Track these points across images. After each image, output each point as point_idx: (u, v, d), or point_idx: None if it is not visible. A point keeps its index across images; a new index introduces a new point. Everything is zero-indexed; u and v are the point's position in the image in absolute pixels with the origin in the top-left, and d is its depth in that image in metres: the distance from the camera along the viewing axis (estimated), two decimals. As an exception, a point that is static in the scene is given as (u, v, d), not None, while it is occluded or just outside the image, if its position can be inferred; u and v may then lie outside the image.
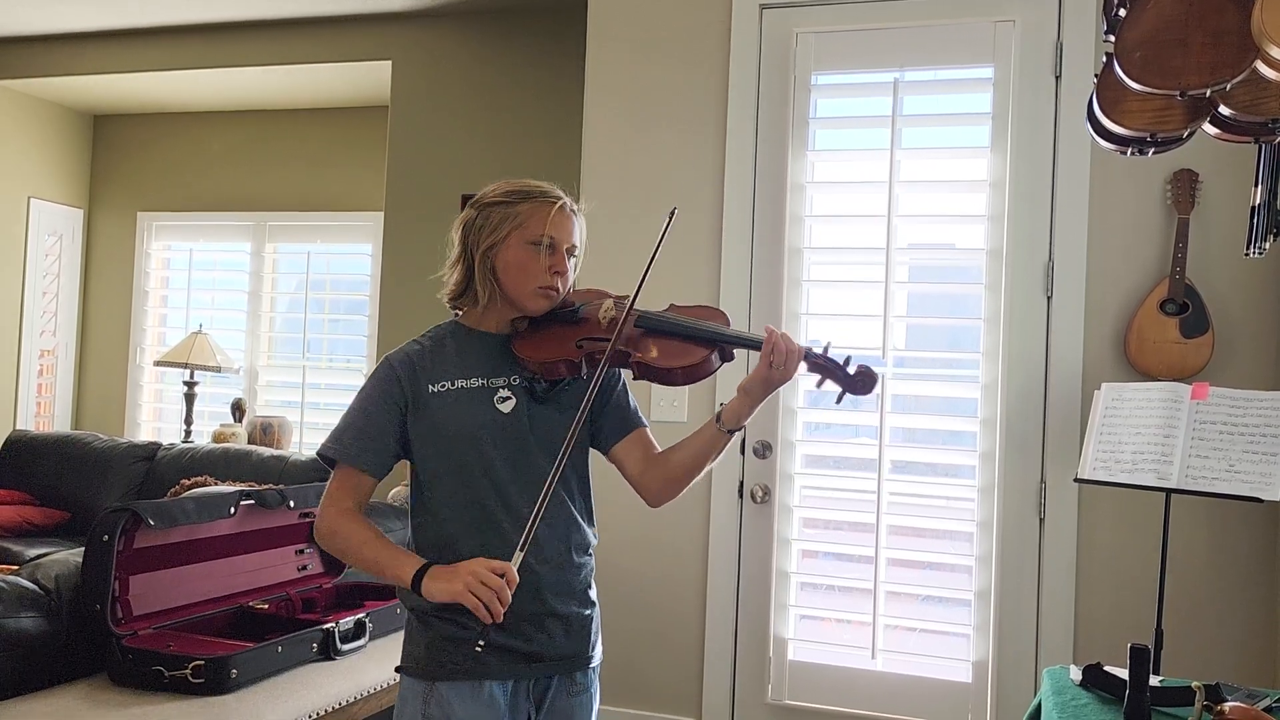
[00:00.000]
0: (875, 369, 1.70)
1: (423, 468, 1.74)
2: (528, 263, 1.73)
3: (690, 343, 1.74)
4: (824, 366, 1.70)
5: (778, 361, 1.66)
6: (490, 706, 1.69)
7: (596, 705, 1.82)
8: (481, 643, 1.56)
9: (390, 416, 1.72)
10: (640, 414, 1.88)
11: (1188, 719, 1.81)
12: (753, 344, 1.72)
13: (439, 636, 1.70)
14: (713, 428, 1.75)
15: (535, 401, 1.74)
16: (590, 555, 1.80)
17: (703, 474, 1.79)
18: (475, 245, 1.75)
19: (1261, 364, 2.88)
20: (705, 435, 1.77)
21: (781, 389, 1.74)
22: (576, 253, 1.81)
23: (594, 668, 1.80)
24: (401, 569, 1.64)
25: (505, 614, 1.62)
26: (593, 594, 1.81)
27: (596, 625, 1.81)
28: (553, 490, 1.63)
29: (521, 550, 1.58)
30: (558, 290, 1.77)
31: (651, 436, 1.86)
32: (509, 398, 1.73)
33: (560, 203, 1.77)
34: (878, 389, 1.74)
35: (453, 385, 1.72)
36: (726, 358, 1.76)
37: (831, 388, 1.69)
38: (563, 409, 1.76)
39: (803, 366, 1.70)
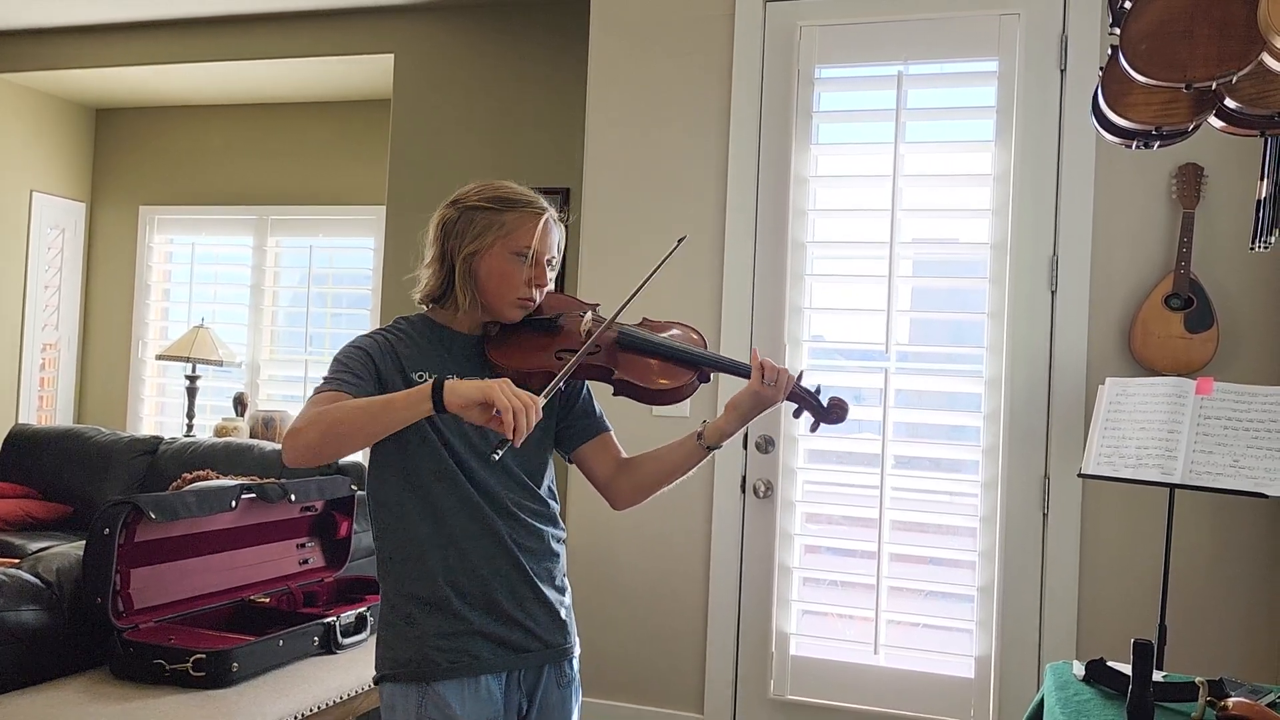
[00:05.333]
0: (848, 401, 1.79)
1: (392, 455, 1.69)
2: (510, 273, 1.72)
3: (672, 363, 1.77)
4: (801, 396, 1.77)
5: (770, 378, 1.72)
6: (488, 702, 1.68)
7: (580, 694, 1.84)
8: (498, 453, 1.50)
9: (371, 373, 1.66)
10: (605, 419, 1.90)
11: (1191, 714, 1.81)
12: (737, 369, 1.78)
13: (429, 634, 1.66)
14: (693, 443, 1.79)
15: None
16: (563, 545, 1.82)
17: (672, 486, 1.83)
18: (456, 249, 1.73)
19: (1266, 359, 2.87)
20: (684, 449, 1.80)
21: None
22: (555, 263, 1.80)
23: (576, 657, 1.82)
24: (415, 392, 1.51)
25: (495, 602, 1.67)
26: (567, 581, 1.83)
27: (573, 614, 1.83)
28: (527, 492, 1.72)
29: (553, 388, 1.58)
30: (534, 301, 1.77)
31: (616, 440, 1.89)
32: None
33: (546, 215, 1.76)
34: (852, 414, 1.82)
35: (429, 378, 1.68)
36: (704, 380, 1.79)
37: (806, 418, 1.78)
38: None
39: None
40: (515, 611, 1.70)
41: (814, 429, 1.79)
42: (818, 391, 1.77)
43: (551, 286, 1.82)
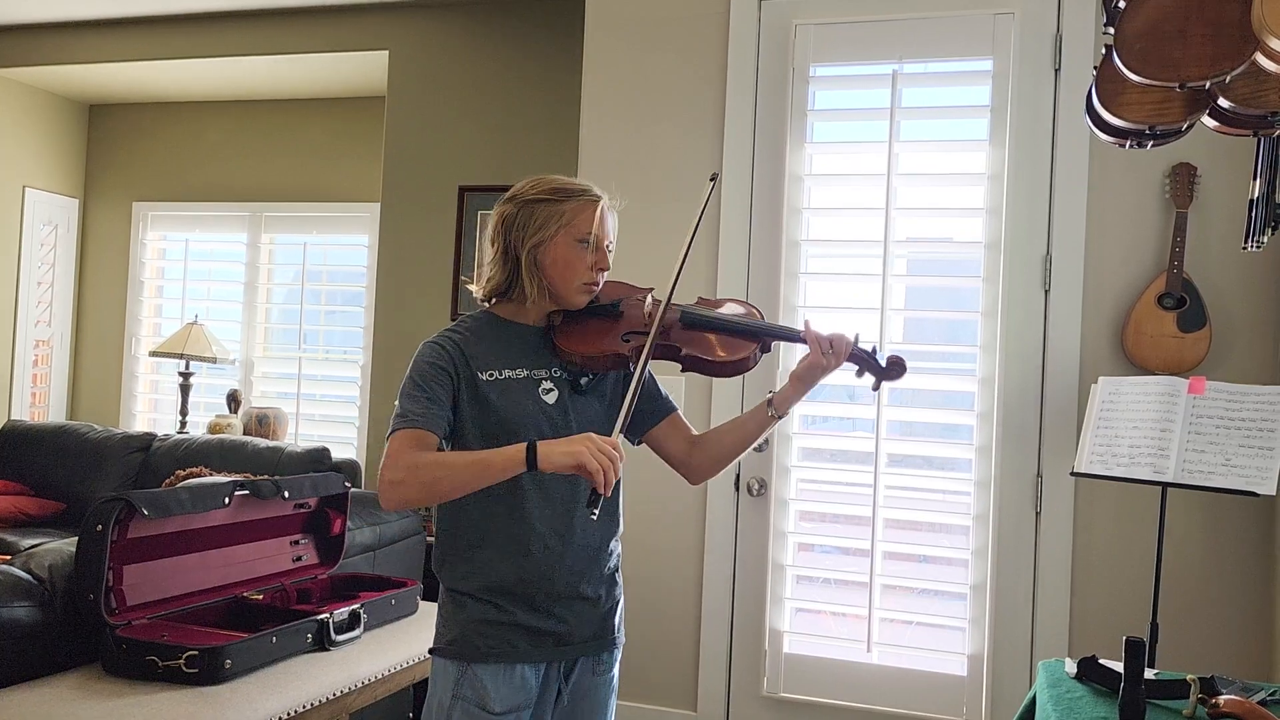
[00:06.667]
0: (904, 358, 1.88)
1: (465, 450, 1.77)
2: (574, 260, 1.79)
3: (735, 337, 1.85)
4: (862, 357, 1.85)
5: (825, 348, 1.80)
6: (522, 689, 1.75)
7: (617, 683, 1.90)
8: (595, 512, 1.58)
9: (446, 388, 1.74)
10: (671, 399, 1.96)
11: (1183, 712, 1.81)
12: (795, 337, 1.87)
13: (474, 619, 1.75)
14: (764, 412, 1.88)
15: (576, 393, 1.81)
16: (618, 542, 1.87)
17: (745, 453, 1.94)
18: (519, 242, 1.79)
19: (1258, 358, 2.88)
20: (756, 419, 1.90)
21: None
22: (613, 247, 1.86)
23: (618, 649, 1.88)
24: (510, 451, 1.61)
25: (538, 596, 1.73)
26: (619, 578, 1.88)
27: (622, 609, 1.88)
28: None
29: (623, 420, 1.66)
30: (598, 285, 1.83)
31: (684, 418, 1.96)
32: (552, 389, 1.80)
33: (603, 202, 1.83)
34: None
35: (500, 375, 1.77)
36: (766, 350, 1.88)
37: (868, 377, 1.87)
38: (603, 398, 1.84)
39: None
40: (554, 608, 1.76)
41: (876, 388, 1.89)
42: (874, 352, 1.86)
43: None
